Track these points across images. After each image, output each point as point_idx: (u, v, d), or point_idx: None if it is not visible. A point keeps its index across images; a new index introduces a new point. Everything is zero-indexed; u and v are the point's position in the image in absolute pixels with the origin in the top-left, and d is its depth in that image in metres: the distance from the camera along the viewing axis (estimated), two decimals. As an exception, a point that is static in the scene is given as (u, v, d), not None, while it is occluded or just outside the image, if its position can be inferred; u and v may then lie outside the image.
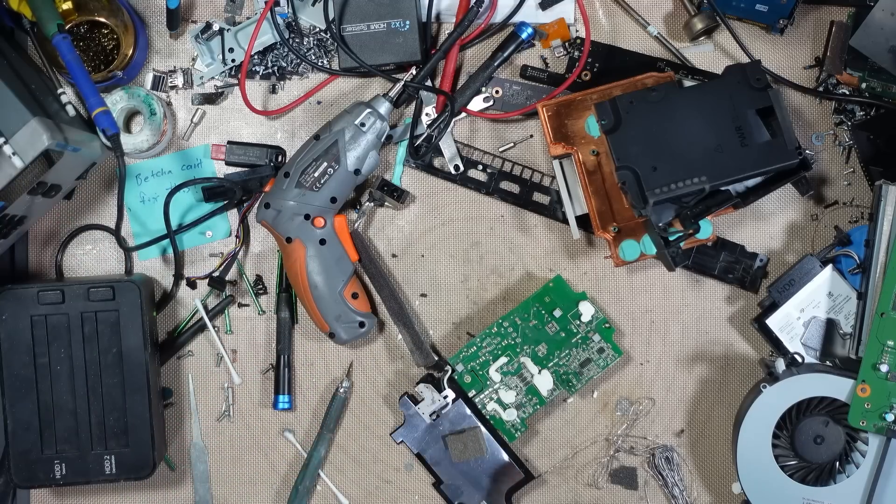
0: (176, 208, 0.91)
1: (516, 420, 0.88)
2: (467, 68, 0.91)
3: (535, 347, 0.87)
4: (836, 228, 0.89)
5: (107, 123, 0.81)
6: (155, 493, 0.93)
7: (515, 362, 0.88)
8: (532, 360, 0.87)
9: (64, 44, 0.81)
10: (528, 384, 0.88)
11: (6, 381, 0.85)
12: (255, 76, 0.92)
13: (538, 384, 0.88)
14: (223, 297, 0.92)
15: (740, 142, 0.79)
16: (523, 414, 0.88)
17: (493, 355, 0.88)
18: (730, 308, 0.91)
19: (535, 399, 0.88)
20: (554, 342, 0.88)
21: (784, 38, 0.90)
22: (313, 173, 0.85)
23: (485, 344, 0.88)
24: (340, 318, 0.87)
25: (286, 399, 0.91)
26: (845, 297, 0.86)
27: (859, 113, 0.90)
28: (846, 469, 0.85)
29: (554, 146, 0.86)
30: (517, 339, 0.88)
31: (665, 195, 0.78)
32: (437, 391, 0.88)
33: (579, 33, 0.90)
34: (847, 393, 0.84)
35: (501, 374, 0.88)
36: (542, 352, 0.87)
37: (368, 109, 0.86)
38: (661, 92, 0.80)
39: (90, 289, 0.85)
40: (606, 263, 0.91)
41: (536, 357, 0.87)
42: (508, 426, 0.88)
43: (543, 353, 0.87)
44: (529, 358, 0.87)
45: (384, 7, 0.88)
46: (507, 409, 0.88)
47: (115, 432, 0.86)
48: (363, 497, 0.93)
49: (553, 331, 0.88)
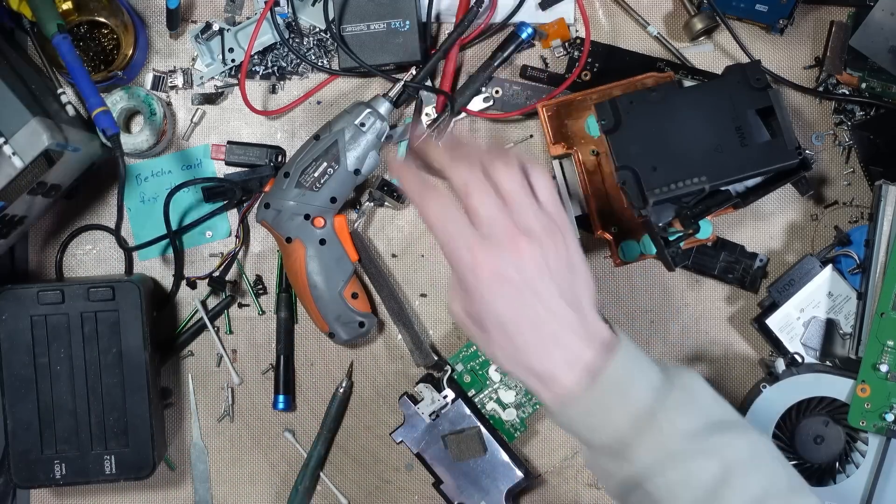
0: (176, 208, 0.91)
1: (516, 420, 0.88)
2: (467, 68, 0.91)
3: None
4: (836, 228, 0.89)
5: (107, 123, 0.81)
6: (155, 493, 0.93)
7: None
8: None
9: (64, 44, 0.81)
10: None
11: (6, 381, 0.85)
12: (255, 76, 0.92)
13: None
14: (223, 297, 0.92)
15: (740, 142, 0.79)
16: (523, 414, 0.88)
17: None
18: (730, 308, 0.91)
19: (534, 399, 0.88)
20: None
21: (784, 38, 0.90)
22: (313, 173, 0.85)
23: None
24: (340, 318, 0.87)
25: (286, 399, 0.91)
26: (845, 297, 0.86)
27: (859, 113, 0.90)
28: (846, 469, 0.85)
29: (554, 146, 0.86)
30: None
31: (665, 195, 0.78)
32: (436, 391, 0.88)
33: (579, 33, 0.90)
34: (847, 393, 0.84)
35: (501, 373, 0.88)
36: None
37: (368, 109, 0.86)
38: (661, 92, 0.80)
39: (90, 289, 0.85)
40: (606, 263, 0.91)
41: None
42: (508, 426, 0.88)
43: None
44: None
45: (384, 7, 0.88)
46: (507, 408, 0.88)
47: (115, 432, 0.86)
48: (363, 497, 0.93)
49: None
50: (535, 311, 0.64)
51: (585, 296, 0.66)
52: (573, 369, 0.64)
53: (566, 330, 0.64)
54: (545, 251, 0.64)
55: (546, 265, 0.64)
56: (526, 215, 0.65)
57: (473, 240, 0.64)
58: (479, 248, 0.63)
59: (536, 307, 0.64)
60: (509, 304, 0.64)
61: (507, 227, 0.64)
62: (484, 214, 0.64)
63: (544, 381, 0.64)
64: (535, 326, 0.64)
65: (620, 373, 0.64)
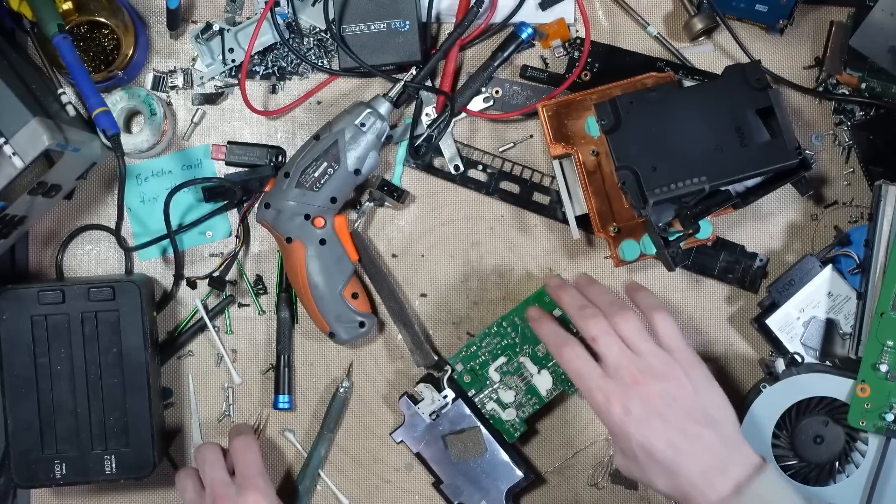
0: (176, 208, 0.91)
1: (515, 420, 0.88)
2: (467, 68, 0.91)
3: (535, 347, 0.87)
4: (836, 228, 0.89)
5: (107, 123, 0.81)
6: (155, 493, 0.93)
7: (515, 362, 0.88)
8: (531, 359, 0.87)
9: (64, 44, 0.81)
10: (528, 384, 0.88)
11: (6, 381, 0.85)
12: (255, 76, 0.92)
13: (537, 384, 0.87)
14: (223, 297, 0.92)
15: (740, 142, 0.79)
16: (523, 413, 0.88)
17: (492, 355, 0.88)
18: (730, 308, 0.91)
19: (534, 399, 0.88)
20: None
21: (784, 38, 0.90)
22: (313, 173, 0.85)
23: (484, 344, 0.88)
24: (340, 318, 0.87)
25: (286, 399, 0.91)
26: (845, 297, 0.86)
27: (859, 113, 0.90)
28: (846, 469, 0.85)
29: (554, 146, 0.86)
30: (516, 338, 0.87)
31: (665, 195, 0.78)
32: (436, 391, 0.88)
33: (579, 33, 0.90)
34: (847, 393, 0.84)
35: (501, 373, 0.88)
36: (542, 351, 0.87)
37: (368, 109, 0.86)
38: (660, 92, 0.80)
39: (90, 289, 0.86)
40: (606, 263, 0.91)
41: (536, 357, 0.87)
42: (508, 426, 0.88)
43: (543, 353, 0.87)
44: (528, 358, 0.87)
45: (384, 7, 0.88)
46: (507, 408, 0.88)
47: (115, 432, 0.86)
48: (363, 497, 0.93)
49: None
50: (668, 436, 0.73)
51: (721, 417, 0.75)
52: (716, 483, 0.72)
53: (701, 448, 0.73)
54: (666, 384, 0.74)
55: (670, 395, 0.74)
56: (645, 356, 0.76)
57: (602, 381, 0.75)
58: (609, 389, 0.75)
59: (668, 432, 0.73)
60: (643, 433, 0.74)
61: (630, 368, 0.75)
62: (610, 360, 0.76)
63: (689, 498, 0.73)
64: (671, 447, 0.73)
65: (766, 490, 0.70)
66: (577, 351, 0.78)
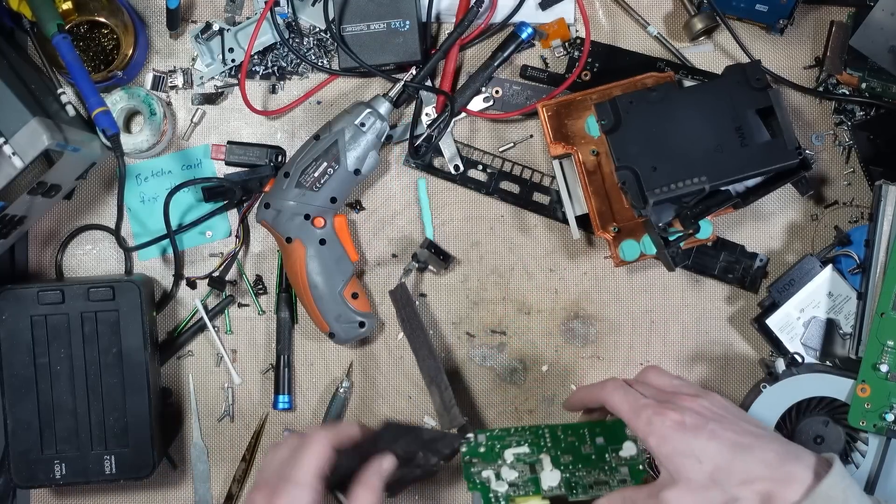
0: (176, 208, 0.91)
1: (500, 493, 0.80)
2: (467, 68, 0.91)
3: (562, 455, 0.81)
4: (836, 228, 0.89)
5: (107, 123, 0.81)
6: (155, 493, 0.93)
7: (535, 456, 0.81)
8: (552, 460, 0.81)
9: (64, 44, 0.81)
10: (534, 475, 0.81)
11: (6, 381, 0.85)
12: (255, 76, 0.92)
13: (543, 477, 0.80)
14: (223, 297, 0.92)
15: (740, 142, 0.79)
16: (512, 493, 0.80)
17: (517, 443, 0.81)
18: (730, 308, 0.91)
19: (531, 486, 0.80)
20: (581, 458, 0.80)
21: (784, 38, 0.90)
22: (313, 173, 0.85)
23: (518, 433, 0.82)
24: (340, 318, 0.87)
25: (286, 399, 0.91)
26: (845, 297, 0.86)
27: (859, 113, 0.90)
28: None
29: (554, 146, 0.86)
30: (549, 442, 0.81)
31: (665, 195, 0.78)
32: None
33: (579, 33, 0.90)
34: (847, 393, 0.84)
35: (515, 458, 0.81)
36: (566, 460, 0.81)
37: (368, 109, 0.86)
38: (660, 92, 0.80)
39: (90, 289, 0.85)
40: (606, 263, 0.91)
41: (556, 460, 0.81)
42: (491, 495, 0.80)
43: (566, 461, 0.81)
44: (550, 457, 0.81)
45: (384, 7, 0.88)
46: (500, 481, 0.80)
47: (115, 432, 0.86)
48: (363, 497, 0.93)
49: (587, 451, 0.81)
50: (726, 437, 0.69)
51: (768, 429, 0.73)
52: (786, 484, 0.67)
53: (768, 440, 0.70)
54: (702, 400, 0.72)
55: (713, 406, 0.72)
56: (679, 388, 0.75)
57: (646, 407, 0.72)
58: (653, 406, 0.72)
59: (726, 433, 0.69)
60: (685, 444, 0.69)
61: (666, 394, 0.73)
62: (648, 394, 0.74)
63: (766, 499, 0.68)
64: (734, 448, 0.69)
65: (834, 491, 0.67)
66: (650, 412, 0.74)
